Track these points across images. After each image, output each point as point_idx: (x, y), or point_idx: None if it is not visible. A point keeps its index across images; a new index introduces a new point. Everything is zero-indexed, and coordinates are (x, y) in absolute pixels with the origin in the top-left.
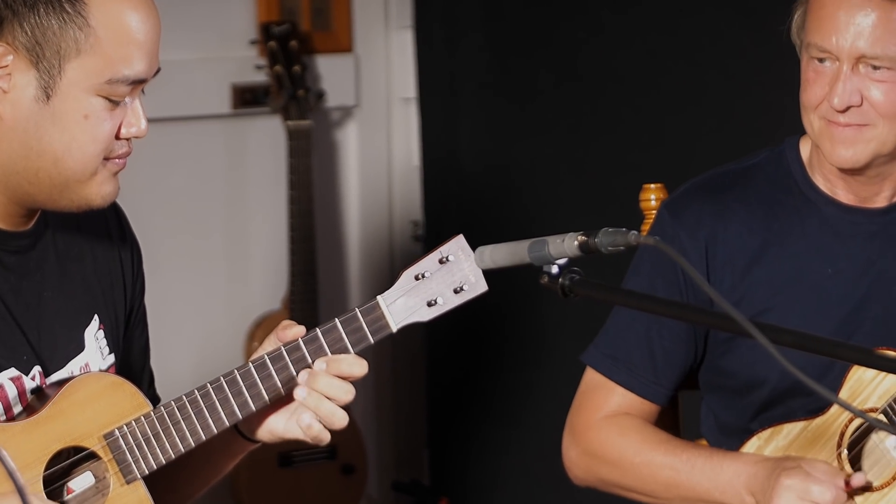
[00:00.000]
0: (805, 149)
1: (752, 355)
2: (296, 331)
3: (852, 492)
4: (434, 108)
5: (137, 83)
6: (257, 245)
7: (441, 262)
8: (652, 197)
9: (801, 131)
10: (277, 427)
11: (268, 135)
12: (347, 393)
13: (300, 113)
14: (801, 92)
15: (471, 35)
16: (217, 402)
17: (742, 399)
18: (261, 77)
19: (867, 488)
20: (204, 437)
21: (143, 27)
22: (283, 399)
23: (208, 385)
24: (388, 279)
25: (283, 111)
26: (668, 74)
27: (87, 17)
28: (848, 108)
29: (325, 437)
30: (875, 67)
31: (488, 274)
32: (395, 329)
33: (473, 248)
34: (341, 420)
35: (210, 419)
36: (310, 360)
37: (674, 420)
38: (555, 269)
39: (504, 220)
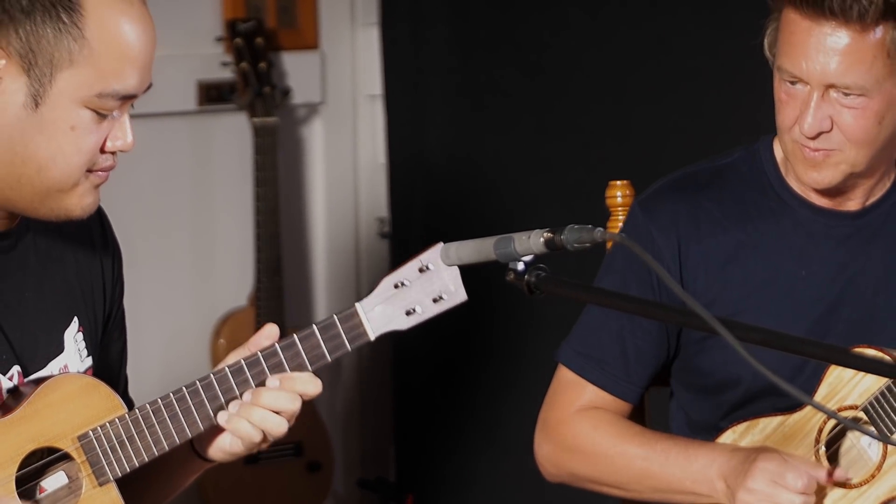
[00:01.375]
0: (779, 149)
1: (725, 355)
2: (271, 333)
3: (827, 488)
4: (400, 105)
5: (127, 98)
6: (223, 242)
7: (421, 270)
8: (618, 194)
9: (772, 129)
10: (224, 443)
11: (234, 132)
12: (294, 401)
13: (266, 110)
14: (776, 111)
15: (437, 32)
16: (192, 406)
17: (715, 398)
18: (227, 74)
19: (844, 485)
20: (178, 441)
21: (139, 43)
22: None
23: (184, 389)
24: (353, 276)
25: (249, 108)
26: (634, 71)
27: (82, 28)
28: (819, 134)
29: (254, 438)
30: (846, 94)
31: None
32: (372, 337)
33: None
34: (278, 427)
35: (185, 423)
36: (287, 367)
37: (640, 417)
38: (521, 266)
39: (470, 217)
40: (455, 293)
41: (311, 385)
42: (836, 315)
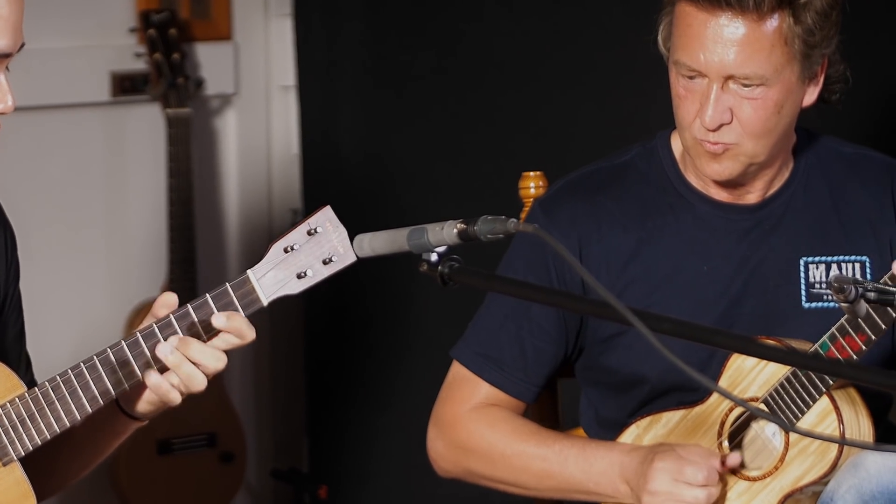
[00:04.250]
0: (677, 145)
1: (630, 354)
2: (168, 300)
3: (731, 482)
4: (313, 96)
5: (1, 57)
6: (136, 233)
7: (309, 233)
8: (531, 185)
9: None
10: (152, 395)
11: (147, 122)
12: (219, 361)
13: (179, 101)
14: (675, 107)
15: (350, 23)
16: (91, 381)
17: (621, 395)
18: (140, 65)
19: (742, 467)
20: (79, 417)
21: (8, 2)
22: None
23: (82, 365)
24: None
25: (162, 99)
26: (547, 62)
27: None
28: (719, 127)
29: (175, 399)
30: (745, 85)
31: (368, 260)
32: (265, 303)
33: (353, 235)
34: (200, 384)
35: (84, 398)
36: (182, 336)
37: (553, 409)
38: (434, 257)
39: (384, 208)
40: (345, 255)
41: (248, 331)
42: (740, 309)
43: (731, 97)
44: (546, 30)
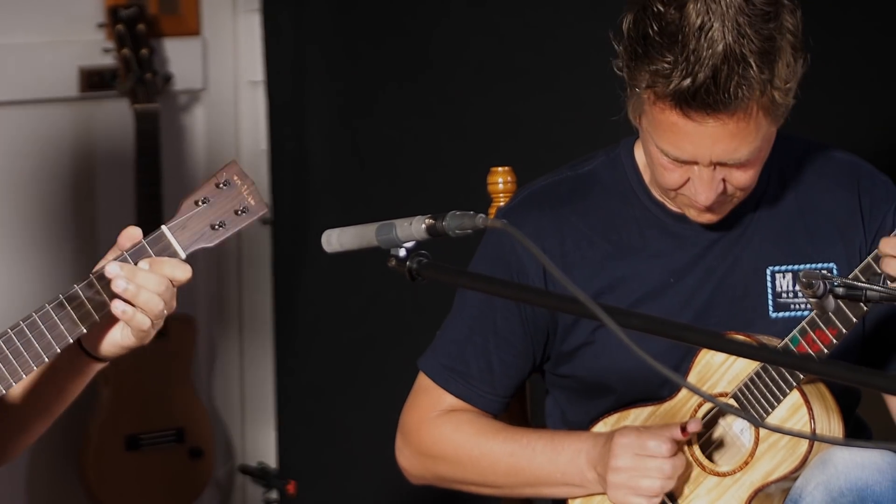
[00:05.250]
0: (640, 155)
1: (597, 364)
2: (132, 233)
3: (701, 477)
4: (281, 91)
5: None
6: (104, 228)
7: (218, 186)
8: (499, 180)
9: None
10: (115, 337)
11: (115, 118)
12: (168, 289)
13: (148, 96)
14: (655, 172)
15: (319, 18)
16: (45, 329)
17: (588, 402)
18: (108, 60)
19: (718, 473)
20: (34, 368)
21: None
22: (112, 320)
23: (34, 314)
24: (235, 263)
25: (130, 94)
26: (518, 60)
27: None
28: None
29: (144, 323)
30: (737, 162)
31: (336, 256)
32: (183, 256)
33: (321, 231)
34: (157, 306)
35: (39, 347)
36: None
37: (521, 407)
38: (402, 253)
39: (352, 204)
40: (256, 206)
41: (179, 270)
42: (707, 320)
43: (721, 171)
44: (517, 26)
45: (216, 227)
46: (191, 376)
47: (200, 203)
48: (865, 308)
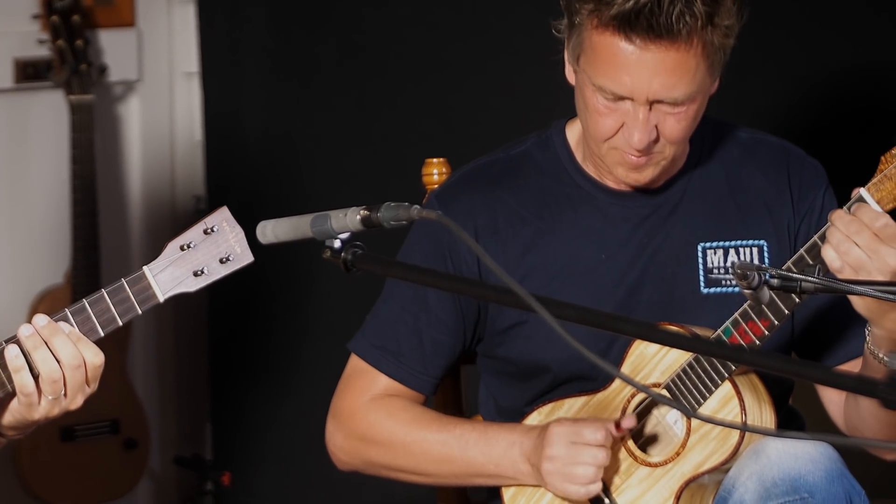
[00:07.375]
0: (572, 134)
1: (530, 344)
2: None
3: (633, 468)
4: (217, 82)
5: None
6: (40, 219)
7: (206, 232)
8: (434, 171)
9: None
10: (13, 405)
11: (50, 109)
12: (74, 359)
13: (83, 87)
14: (588, 120)
15: (253, 9)
16: None
17: (522, 384)
18: (43, 51)
19: (650, 463)
20: None
21: None
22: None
23: None
24: None
25: (65, 85)
26: (451, 48)
27: None
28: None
29: (26, 386)
30: (672, 104)
31: (271, 247)
32: (161, 299)
33: (256, 222)
34: (53, 372)
35: None
36: (78, 333)
37: (456, 396)
38: (337, 244)
39: (287, 195)
40: (242, 255)
41: (90, 352)
42: (638, 296)
43: (656, 115)
44: (450, 17)
45: (199, 273)
46: (126, 368)
47: (186, 248)
48: (798, 300)
